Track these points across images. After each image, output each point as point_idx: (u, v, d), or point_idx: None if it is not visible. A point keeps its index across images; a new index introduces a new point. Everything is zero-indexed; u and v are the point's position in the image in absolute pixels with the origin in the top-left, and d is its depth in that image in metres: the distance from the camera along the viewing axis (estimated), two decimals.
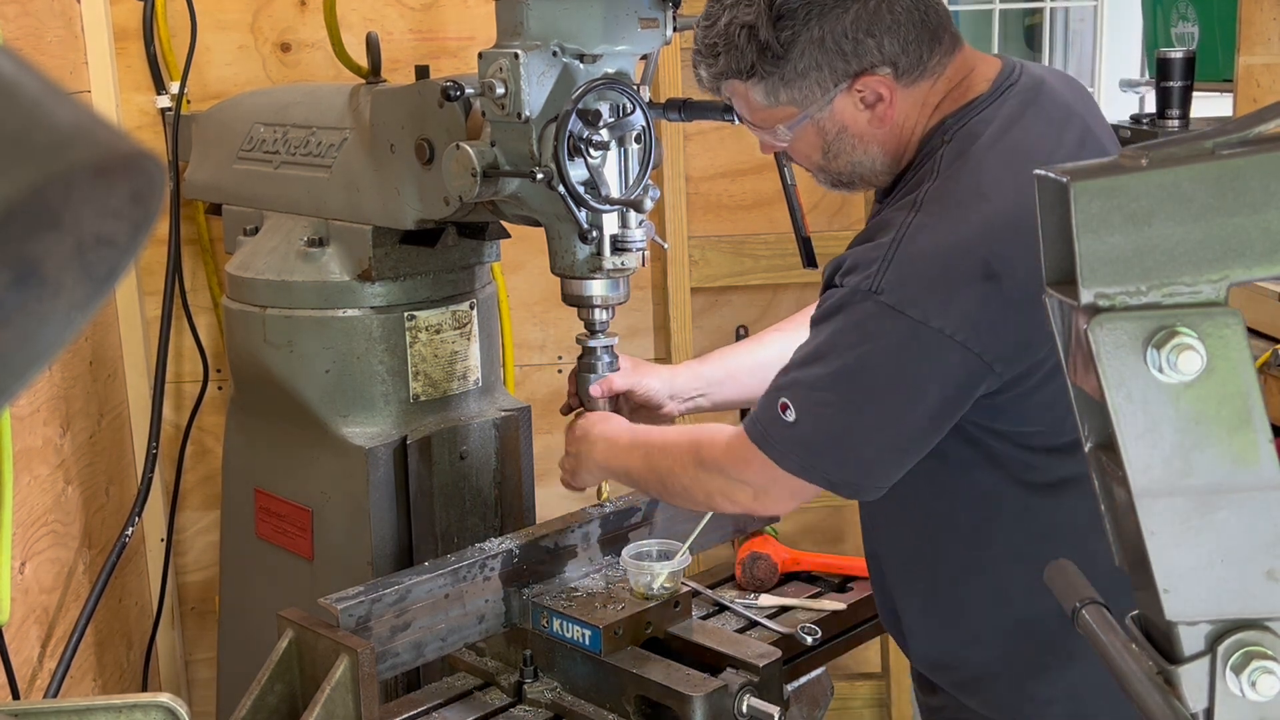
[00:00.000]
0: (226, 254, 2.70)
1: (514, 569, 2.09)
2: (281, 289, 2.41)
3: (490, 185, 2.07)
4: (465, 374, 2.47)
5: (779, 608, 2.28)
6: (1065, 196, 0.96)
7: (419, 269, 2.41)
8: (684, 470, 1.89)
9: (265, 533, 2.56)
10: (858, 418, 1.70)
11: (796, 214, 2.23)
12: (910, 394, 1.68)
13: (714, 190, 3.49)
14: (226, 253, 2.71)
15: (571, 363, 2.78)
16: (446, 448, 2.38)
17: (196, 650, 3.44)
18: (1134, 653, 1.04)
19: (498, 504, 2.46)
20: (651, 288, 3.50)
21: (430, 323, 2.41)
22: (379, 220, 2.35)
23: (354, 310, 2.38)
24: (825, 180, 1.89)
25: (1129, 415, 0.97)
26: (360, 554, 2.35)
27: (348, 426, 2.38)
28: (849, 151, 1.82)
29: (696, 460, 1.87)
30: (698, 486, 1.88)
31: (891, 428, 1.70)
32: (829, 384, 1.69)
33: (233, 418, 2.67)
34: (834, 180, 1.88)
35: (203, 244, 3.24)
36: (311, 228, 2.46)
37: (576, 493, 2.28)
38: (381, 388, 2.38)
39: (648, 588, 2.08)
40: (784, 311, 3.57)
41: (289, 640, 1.88)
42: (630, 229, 2.06)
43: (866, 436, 1.71)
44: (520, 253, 3.20)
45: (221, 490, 2.74)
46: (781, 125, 1.81)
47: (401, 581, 1.96)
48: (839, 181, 1.88)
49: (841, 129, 1.79)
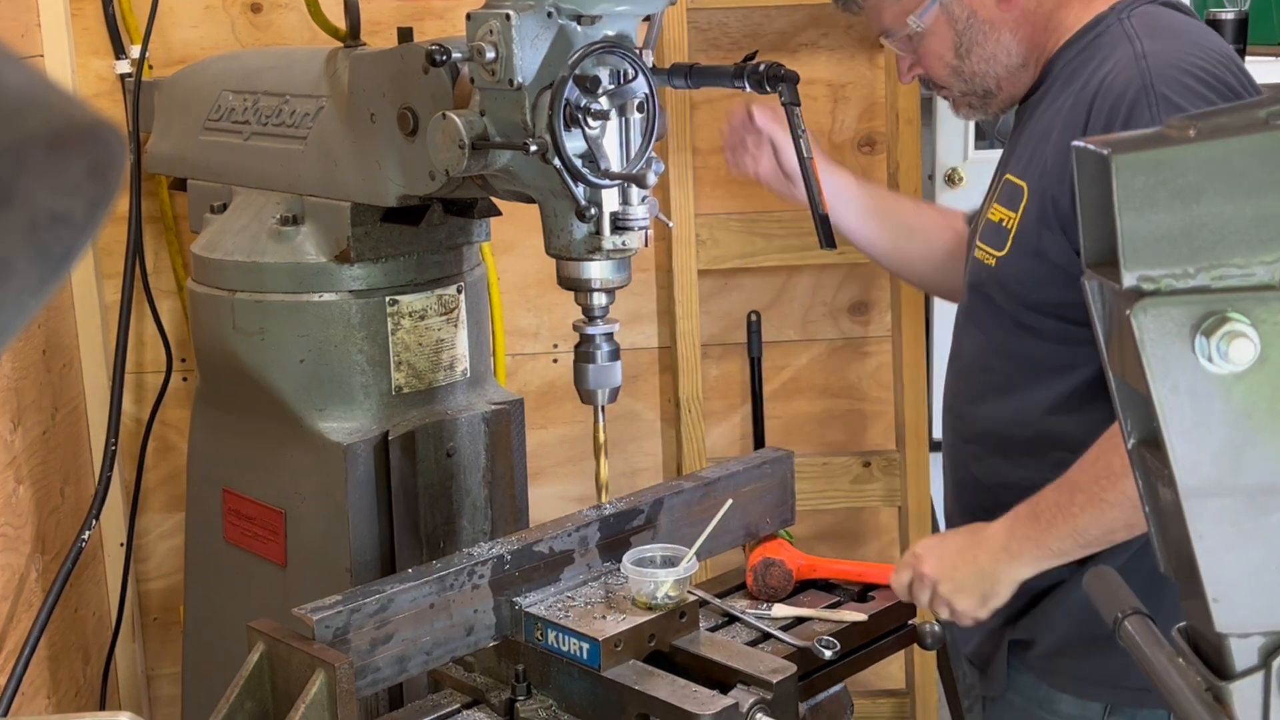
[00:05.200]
0: (192, 233, 2.70)
1: (505, 576, 2.09)
2: (251, 271, 2.41)
3: (479, 158, 2.07)
4: (452, 364, 2.47)
5: (794, 619, 2.28)
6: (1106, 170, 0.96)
7: (402, 250, 2.41)
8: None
9: (234, 536, 2.56)
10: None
11: (813, 189, 2.23)
12: None
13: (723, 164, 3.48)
14: (192, 232, 2.71)
15: (568, 352, 2.79)
16: (432, 444, 2.38)
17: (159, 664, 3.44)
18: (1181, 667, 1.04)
19: (488, 505, 2.46)
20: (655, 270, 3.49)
21: (414, 308, 2.41)
22: (358, 196, 2.35)
23: (331, 294, 2.38)
24: (959, 89, 2.06)
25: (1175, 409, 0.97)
26: (338, 559, 2.36)
27: (324, 421, 2.38)
28: (981, 42, 2.01)
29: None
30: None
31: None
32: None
33: (199, 411, 2.67)
34: (968, 88, 2.06)
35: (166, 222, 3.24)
36: (284, 205, 2.46)
37: (968, 625, 2.15)
38: (361, 379, 2.39)
39: (651, 597, 2.08)
40: (800, 295, 3.58)
41: (260, 654, 1.88)
42: (632, 206, 2.06)
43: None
44: (512, 232, 3.19)
45: (186, 490, 2.75)
46: (912, 14, 2.02)
47: (383, 590, 1.96)
48: (974, 92, 2.07)
49: (970, 14, 2.01)
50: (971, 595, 2.06)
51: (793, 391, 3.63)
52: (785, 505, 2.48)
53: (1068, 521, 1.95)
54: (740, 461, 2.47)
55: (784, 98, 2.12)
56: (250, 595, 2.54)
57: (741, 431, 3.62)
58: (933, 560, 2.10)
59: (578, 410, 3.38)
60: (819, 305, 3.59)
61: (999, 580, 2.04)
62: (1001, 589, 2.05)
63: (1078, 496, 1.95)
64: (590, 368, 2.19)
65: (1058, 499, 1.97)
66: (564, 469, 3.59)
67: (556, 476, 3.58)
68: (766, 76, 2.09)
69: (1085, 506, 1.94)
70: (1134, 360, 0.97)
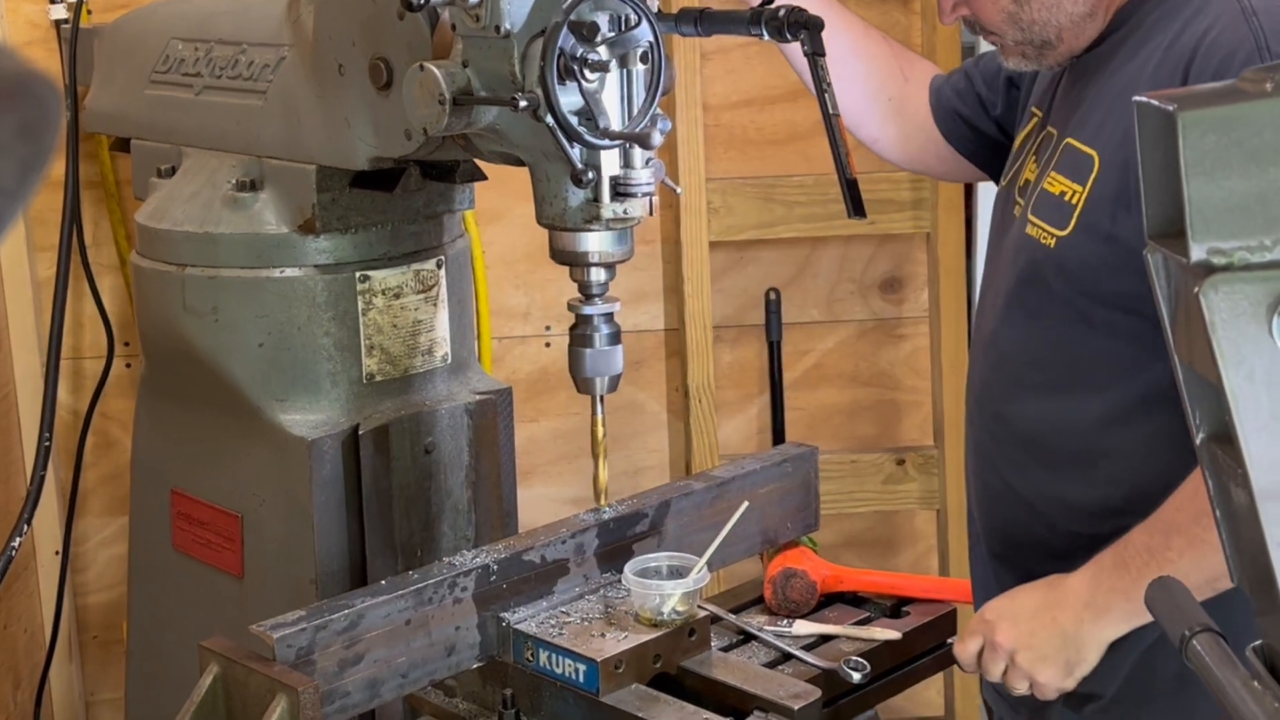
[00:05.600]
0: (136, 200, 2.70)
1: (491, 589, 2.09)
2: (204, 243, 2.42)
3: (461, 115, 2.07)
4: (431, 348, 2.47)
5: (818, 637, 2.28)
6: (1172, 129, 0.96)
7: (373, 219, 2.41)
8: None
9: (184, 544, 2.57)
10: None
11: (840, 150, 2.23)
12: None
13: (738, 121, 3.49)
14: (136, 199, 2.71)
15: (562, 334, 2.79)
16: (408, 439, 2.38)
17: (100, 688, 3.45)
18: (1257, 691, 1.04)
19: (471, 508, 2.47)
20: (661, 242, 3.49)
21: (388, 285, 2.41)
22: (324, 159, 2.34)
23: (293, 269, 2.38)
24: (1013, 38, 2.08)
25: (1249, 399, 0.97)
26: (301, 570, 2.36)
27: (286, 413, 2.39)
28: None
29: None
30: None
31: None
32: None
33: (144, 402, 2.67)
34: (1024, 37, 2.06)
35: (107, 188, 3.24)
36: (241, 168, 2.45)
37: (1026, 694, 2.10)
38: (327, 365, 2.39)
39: (656, 612, 2.08)
40: (824, 270, 3.58)
41: (213, 677, 1.88)
42: (635, 169, 2.06)
43: None
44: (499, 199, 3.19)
45: (130, 492, 2.75)
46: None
47: (352, 604, 1.96)
48: (1030, 42, 2.07)
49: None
50: (1055, 664, 2.01)
51: (817, 379, 3.63)
52: (808, 508, 2.48)
53: (1163, 569, 1.87)
54: (757, 459, 2.47)
55: (806, 47, 2.11)
56: (202, 610, 2.54)
57: (759, 425, 3.63)
58: (1007, 627, 2.05)
59: (573, 401, 3.38)
60: (846, 281, 3.59)
61: (1085, 644, 1.99)
62: (1089, 653, 2.00)
63: (1174, 540, 1.90)
64: (587, 353, 2.19)
65: (1149, 543, 1.92)
66: (558, 467, 3.59)
67: (549, 476, 3.58)
68: (787, 23, 2.08)
69: (1184, 551, 1.89)
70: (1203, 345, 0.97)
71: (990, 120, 2.46)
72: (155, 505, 2.63)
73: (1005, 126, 2.42)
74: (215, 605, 2.51)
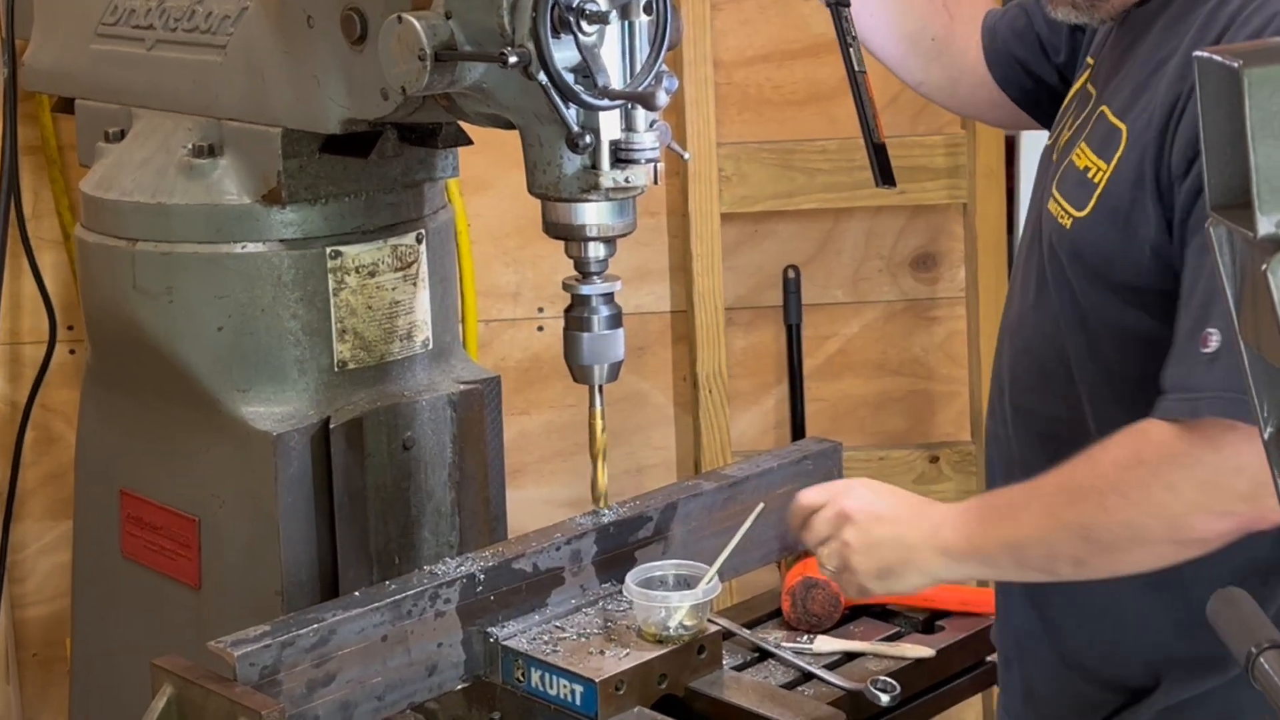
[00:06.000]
0: (81, 167, 2.70)
1: (477, 601, 2.10)
2: (157, 215, 2.41)
3: (444, 73, 2.07)
4: (410, 332, 2.47)
5: (842, 654, 2.29)
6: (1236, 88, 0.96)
7: (346, 188, 2.41)
8: (1122, 495, 1.86)
9: (135, 550, 2.57)
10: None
11: (867, 112, 2.23)
12: None
13: (753, 79, 3.48)
14: (81, 166, 2.71)
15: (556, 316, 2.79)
16: (384, 433, 2.39)
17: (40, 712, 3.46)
18: None
19: (455, 510, 2.47)
20: (667, 214, 3.49)
21: (362, 262, 2.41)
22: (291, 121, 2.34)
23: (256, 244, 2.38)
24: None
25: None
26: (265, 579, 2.36)
27: (248, 404, 2.39)
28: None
29: (1139, 464, 1.85)
30: (1156, 511, 1.84)
31: None
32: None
33: (90, 393, 2.67)
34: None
35: (49, 154, 3.24)
36: (198, 131, 2.45)
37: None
38: (295, 351, 2.39)
39: (662, 627, 2.08)
40: (849, 245, 3.58)
41: (167, 699, 1.88)
42: (637, 132, 2.06)
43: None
44: (486, 166, 3.19)
45: (75, 493, 2.75)
46: None
47: (322, 618, 1.96)
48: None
49: None
50: (876, 560, 2.06)
51: (841, 367, 3.63)
52: None
53: (1011, 529, 1.97)
54: (774, 456, 2.47)
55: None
56: (155, 625, 2.54)
57: (776, 418, 3.63)
58: (860, 502, 2.10)
59: (569, 391, 3.37)
60: (874, 258, 3.59)
61: (912, 564, 2.05)
62: (910, 575, 2.06)
63: (1033, 504, 1.96)
64: (585, 337, 2.19)
65: (1012, 500, 2.00)
66: (551, 466, 3.59)
67: (542, 475, 3.58)
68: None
69: (1035, 518, 1.94)
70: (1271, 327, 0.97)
71: (1051, 67, 2.42)
72: (102, 508, 2.64)
73: (1068, 74, 2.38)
74: (169, 619, 2.51)
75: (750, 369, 3.60)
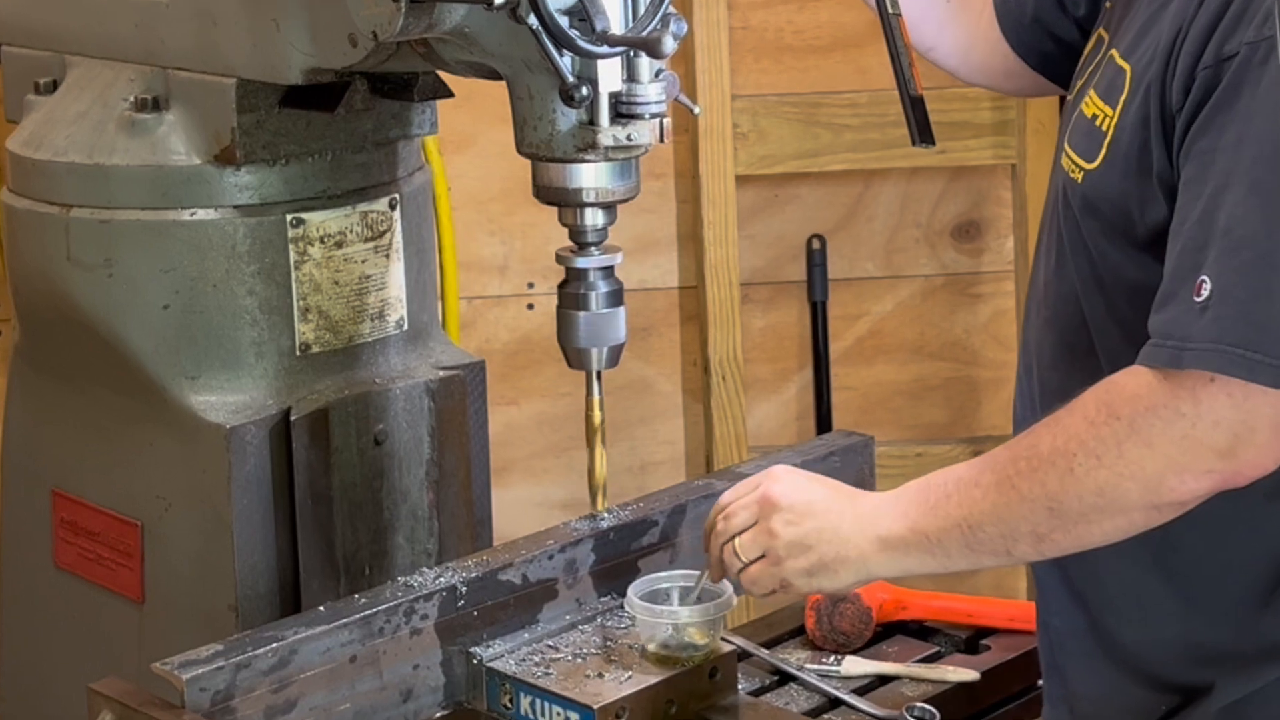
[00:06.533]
0: (9, 123, 2.70)
1: (459, 617, 2.10)
2: (94, 178, 2.41)
3: (422, 15, 2.06)
4: (382, 311, 2.47)
5: (874, 678, 2.29)
6: None
7: (309, 147, 2.41)
8: (1093, 455, 1.87)
9: (69, 560, 2.57)
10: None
11: (902, 60, 2.22)
12: None
13: (771, 23, 3.48)
14: (9, 121, 2.71)
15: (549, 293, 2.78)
16: (353, 426, 2.39)
17: None
18: None
19: (433, 513, 2.47)
20: (675, 176, 3.49)
21: (327, 231, 2.41)
22: (246, 71, 2.34)
23: (208, 210, 2.38)
24: None
25: None
26: (218, 592, 2.37)
27: (198, 393, 2.39)
28: None
29: (1114, 419, 1.87)
30: (1131, 471, 1.86)
31: None
32: (1259, 205, 1.78)
33: (17, 379, 2.67)
34: None
35: None
36: (141, 82, 2.45)
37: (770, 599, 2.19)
38: (251, 333, 2.39)
39: (669, 646, 2.08)
40: (881, 211, 3.58)
41: None
42: (641, 84, 2.06)
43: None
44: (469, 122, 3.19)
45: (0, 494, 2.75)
46: None
47: (283, 636, 1.96)
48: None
49: None
50: (806, 555, 2.06)
51: (872, 351, 3.63)
52: None
53: (960, 509, 1.97)
54: (797, 451, 2.47)
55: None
56: (93, 644, 2.55)
57: (798, 408, 3.63)
58: (789, 490, 2.09)
59: (563, 378, 3.38)
60: (910, 226, 3.59)
61: (846, 558, 2.04)
62: (843, 570, 2.05)
63: (984, 478, 1.97)
64: (581, 317, 2.19)
65: (960, 477, 2.00)
66: (543, 463, 3.60)
67: (532, 473, 3.59)
68: None
69: (988, 494, 1.95)
70: None
71: (1070, 21, 2.43)
72: (32, 511, 2.64)
73: (1087, 27, 2.41)
74: (109, 637, 2.52)
75: (769, 352, 3.60)
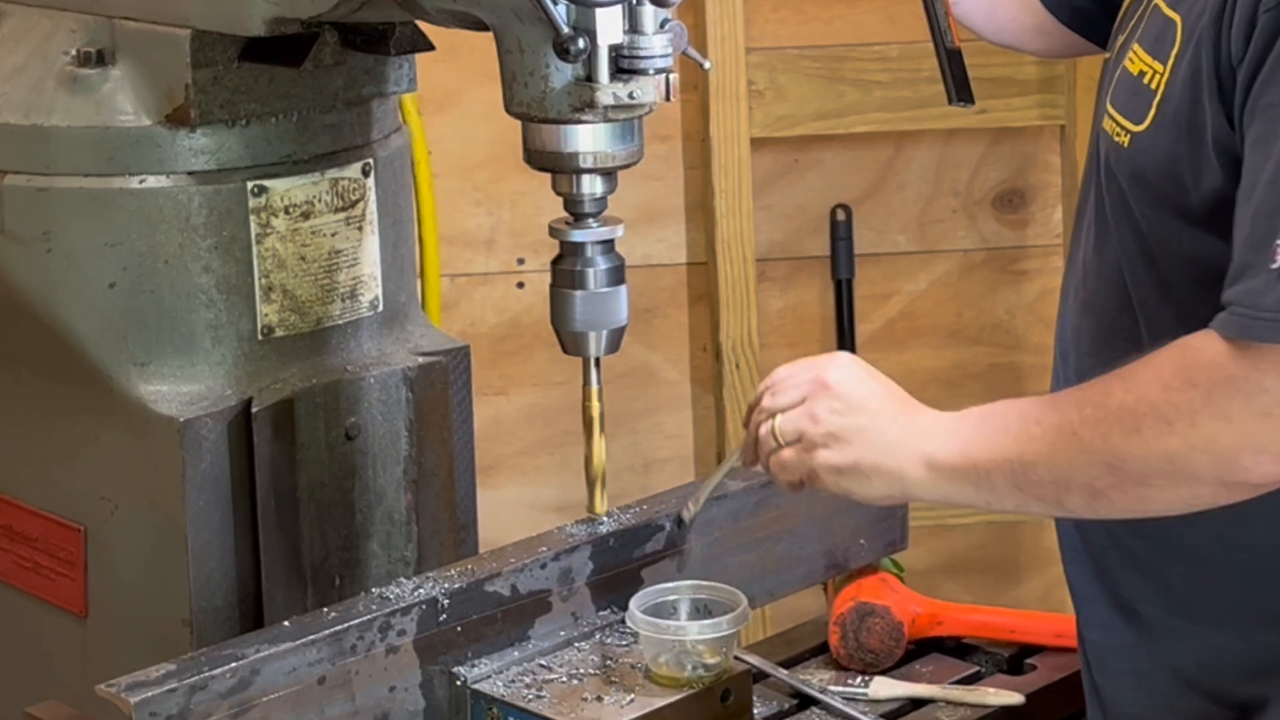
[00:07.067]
0: None
1: (441, 632, 2.10)
2: (30, 140, 2.42)
3: None
4: (354, 290, 2.48)
5: (906, 701, 2.30)
6: None
7: (273, 106, 2.41)
8: (1164, 420, 1.88)
9: (3, 569, 2.58)
10: None
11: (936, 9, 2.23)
12: None
13: None
14: None
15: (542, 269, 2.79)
16: (321, 419, 2.39)
17: None
18: None
19: (412, 517, 2.48)
20: (683, 139, 3.50)
21: (293, 200, 2.42)
22: (203, 21, 2.34)
23: (159, 177, 2.38)
24: None
25: None
26: (170, 605, 2.37)
27: (148, 382, 2.39)
28: None
29: (1190, 386, 1.88)
30: (1205, 444, 1.86)
31: None
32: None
33: None
34: None
35: None
36: (84, 33, 2.46)
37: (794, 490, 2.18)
38: (207, 314, 2.39)
39: (676, 666, 2.09)
40: (914, 177, 3.58)
41: None
42: (645, 34, 2.06)
43: None
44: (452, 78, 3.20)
45: None
46: None
47: (243, 654, 1.97)
48: None
49: None
50: (842, 451, 2.07)
51: (905, 334, 3.64)
52: (891, 519, 2.49)
53: (1018, 441, 1.99)
54: None
55: None
56: (30, 663, 2.55)
57: None
58: (847, 379, 2.11)
59: (557, 365, 3.39)
60: (946, 195, 3.59)
61: (885, 466, 2.06)
62: (878, 480, 2.06)
63: (1049, 418, 1.99)
64: (578, 296, 2.20)
65: (1024, 412, 2.03)
66: (535, 460, 3.60)
67: (522, 472, 3.59)
68: None
69: (1049, 435, 1.97)
70: None
71: None
72: None
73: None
74: (48, 655, 2.53)
75: (788, 336, 3.60)
